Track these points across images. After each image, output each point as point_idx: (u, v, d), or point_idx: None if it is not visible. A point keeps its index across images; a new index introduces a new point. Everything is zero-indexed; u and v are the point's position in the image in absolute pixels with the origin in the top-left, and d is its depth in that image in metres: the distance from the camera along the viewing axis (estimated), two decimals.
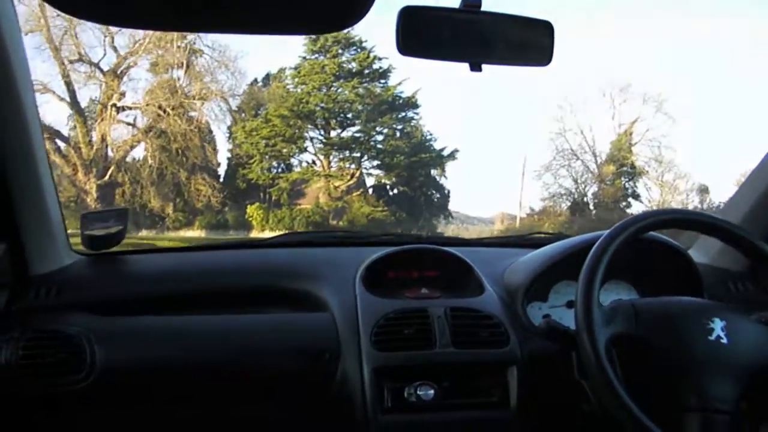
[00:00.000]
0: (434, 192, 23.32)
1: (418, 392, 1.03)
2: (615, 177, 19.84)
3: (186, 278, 1.26)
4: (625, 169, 20.11)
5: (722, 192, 20.00)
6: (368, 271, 1.22)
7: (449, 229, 23.48)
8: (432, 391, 1.04)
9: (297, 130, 19.61)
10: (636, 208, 20.58)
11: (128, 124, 17.68)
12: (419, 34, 0.93)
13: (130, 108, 17.39)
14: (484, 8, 0.93)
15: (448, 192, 24.64)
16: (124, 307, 1.16)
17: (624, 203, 20.53)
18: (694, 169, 21.73)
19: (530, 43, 0.98)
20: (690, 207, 19.29)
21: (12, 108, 1.00)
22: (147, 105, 17.34)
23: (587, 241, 1.09)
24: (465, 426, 1.07)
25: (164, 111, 17.22)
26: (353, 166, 21.39)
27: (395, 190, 22.69)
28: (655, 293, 1.11)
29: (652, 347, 0.91)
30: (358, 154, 20.98)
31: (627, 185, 20.46)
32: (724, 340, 0.88)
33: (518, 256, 1.29)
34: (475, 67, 0.97)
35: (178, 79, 17.78)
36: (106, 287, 1.22)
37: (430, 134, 21.58)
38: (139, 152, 18.00)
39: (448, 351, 1.06)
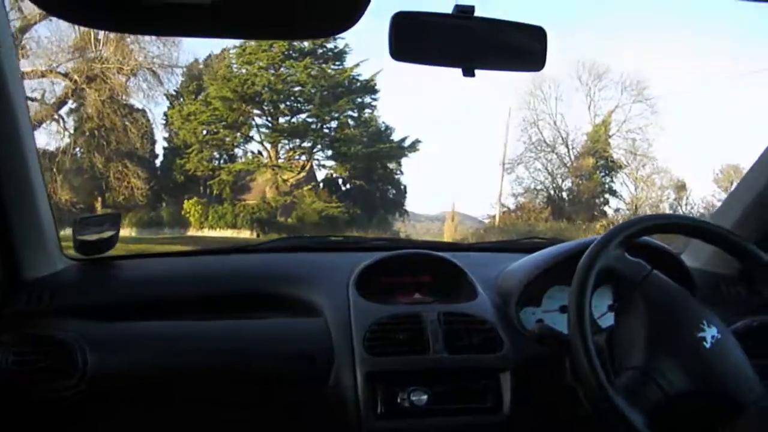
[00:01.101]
0: (390, 187, 22.92)
1: (411, 397, 1.14)
2: (593, 171, 19.80)
3: (179, 283, 1.36)
4: (602, 162, 20.07)
5: (701, 188, 20.84)
6: (361, 276, 1.33)
7: (400, 228, 23.08)
8: (425, 397, 1.14)
9: (241, 116, 18.94)
10: (614, 204, 20.68)
11: (33, 99, 15.22)
12: (412, 40, 1.02)
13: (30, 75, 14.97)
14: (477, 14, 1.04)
15: (405, 188, 24.21)
16: (116, 312, 1.25)
17: (601, 199, 20.49)
18: (673, 164, 21.99)
19: (523, 48, 1.08)
20: (665, 204, 19.69)
21: (2, 113, 1.08)
22: (51, 72, 15.33)
23: (580, 246, 1.20)
24: (458, 431, 1.17)
25: (74, 81, 15.55)
26: (304, 157, 20.85)
27: (349, 185, 22.20)
28: None
29: (646, 301, 1.01)
30: (310, 144, 20.47)
31: (604, 180, 20.45)
32: (707, 345, 0.98)
33: (511, 261, 1.40)
34: (468, 73, 1.08)
35: (97, 43, 15.78)
36: (99, 292, 1.31)
37: (389, 123, 21.09)
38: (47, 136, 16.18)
39: (442, 356, 1.16)
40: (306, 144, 20.42)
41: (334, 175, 21.52)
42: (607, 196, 20.62)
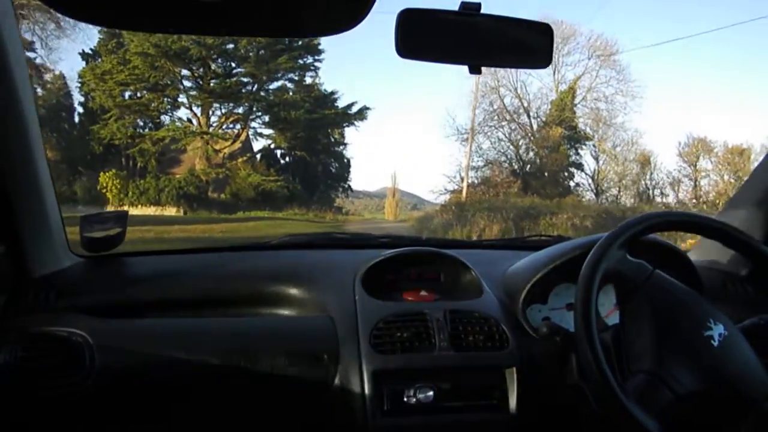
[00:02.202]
0: (333, 160, 22.67)
1: (417, 395, 1.24)
2: (560, 142, 19.71)
3: (185, 280, 1.47)
4: (569, 133, 20.05)
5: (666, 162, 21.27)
6: (367, 273, 1.45)
7: (341, 205, 23.17)
8: (431, 394, 1.24)
9: (166, 75, 18.22)
10: (578, 179, 20.83)
11: None
12: (418, 37, 1.11)
13: None
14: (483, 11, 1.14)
15: (349, 161, 23.82)
16: (123, 309, 1.36)
17: (566, 174, 20.39)
18: (642, 136, 21.82)
19: (529, 45, 1.17)
20: (628, 178, 20.11)
21: (10, 110, 1.18)
22: None
23: (587, 243, 1.31)
24: (464, 428, 1.29)
25: None
26: (239, 126, 20.24)
27: (289, 157, 21.71)
28: None
29: (650, 303, 1.10)
30: (245, 109, 19.85)
31: (570, 152, 20.43)
32: (714, 343, 1.06)
33: (517, 258, 1.53)
34: (474, 70, 1.18)
35: None
36: (106, 289, 1.42)
37: (334, 88, 20.83)
38: None
39: (447, 354, 1.27)
40: (240, 110, 19.75)
41: (272, 146, 21.03)
42: (572, 169, 20.66)
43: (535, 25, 1.19)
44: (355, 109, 21.09)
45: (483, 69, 1.22)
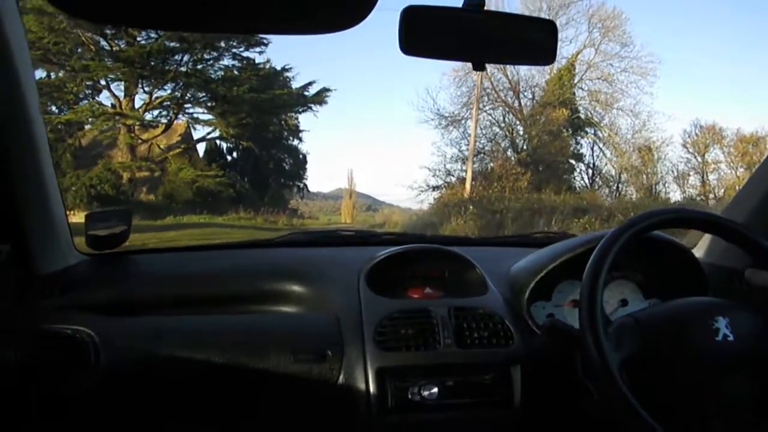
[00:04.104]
0: (287, 155, 21.48)
1: (421, 392, 1.36)
2: (564, 126, 18.93)
3: (190, 278, 1.61)
4: (573, 117, 19.08)
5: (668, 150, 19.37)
6: (372, 271, 1.58)
7: (296, 206, 21.29)
8: (436, 391, 1.36)
9: (72, 41, 15.97)
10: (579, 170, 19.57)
11: None
12: (421, 34, 1.22)
13: None
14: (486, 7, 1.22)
15: (304, 157, 22.47)
16: (128, 306, 1.50)
17: (566, 165, 19.32)
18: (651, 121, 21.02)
19: (533, 42, 1.29)
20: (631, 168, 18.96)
21: (15, 109, 1.29)
22: None
23: (591, 240, 1.43)
24: (469, 425, 1.41)
25: None
26: (172, 114, 17.88)
27: (237, 153, 19.98)
28: (659, 292, 1.50)
29: (664, 362, 1.17)
30: (176, 87, 17.53)
31: (573, 140, 19.47)
32: (731, 338, 1.12)
33: (522, 255, 1.65)
34: (479, 66, 1.32)
35: None
36: (110, 287, 1.56)
37: (286, 64, 18.64)
38: None
39: (452, 351, 1.39)
40: (172, 91, 17.31)
41: (216, 137, 18.97)
42: (571, 161, 19.77)
43: (539, 22, 1.32)
44: (313, 90, 20.04)
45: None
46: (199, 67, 17.83)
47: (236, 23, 0.85)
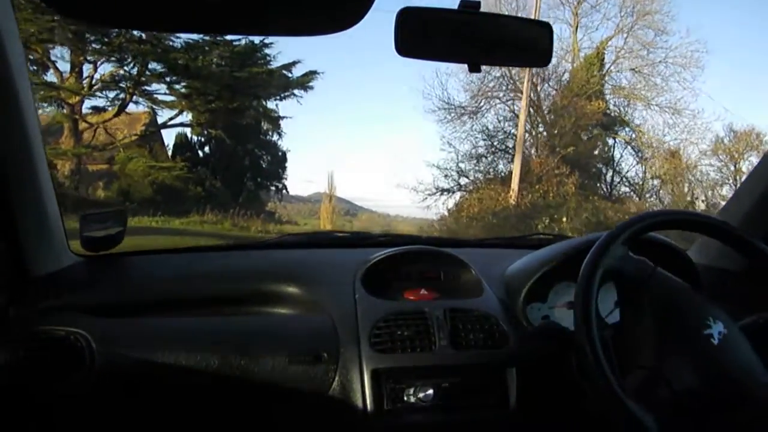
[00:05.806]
0: (264, 152, 19.36)
1: (417, 394, 1.37)
2: (595, 126, 16.68)
3: (185, 280, 1.62)
4: (606, 113, 16.82)
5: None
6: (367, 272, 1.59)
7: (273, 209, 18.94)
8: (431, 392, 1.38)
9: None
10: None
11: None
12: (417, 35, 1.23)
13: None
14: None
15: (284, 154, 20.23)
16: (122, 308, 1.50)
17: (594, 169, 16.66)
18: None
19: (529, 43, 1.30)
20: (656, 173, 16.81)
21: (10, 109, 1.29)
22: None
23: (587, 242, 1.44)
24: (465, 427, 1.42)
25: None
26: (126, 95, 15.91)
27: (209, 147, 17.82)
28: None
29: (651, 301, 1.23)
30: (131, 57, 15.24)
31: (604, 142, 16.96)
32: (714, 341, 1.16)
33: (517, 257, 1.66)
34: (474, 68, 1.33)
35: None
36: (105, 289, 1.56)
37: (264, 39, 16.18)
38: None
39: (447, 352, 1.40)
40: (120, 63, 14.97)
41: (176, 120, 16.83)
42: (599, 165, 17.50)
43: (535, 23, 1.32)
44: (297, 72, 17.00)
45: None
46: (162, 39, 14.96)
47: (233, 25, 0.87)
